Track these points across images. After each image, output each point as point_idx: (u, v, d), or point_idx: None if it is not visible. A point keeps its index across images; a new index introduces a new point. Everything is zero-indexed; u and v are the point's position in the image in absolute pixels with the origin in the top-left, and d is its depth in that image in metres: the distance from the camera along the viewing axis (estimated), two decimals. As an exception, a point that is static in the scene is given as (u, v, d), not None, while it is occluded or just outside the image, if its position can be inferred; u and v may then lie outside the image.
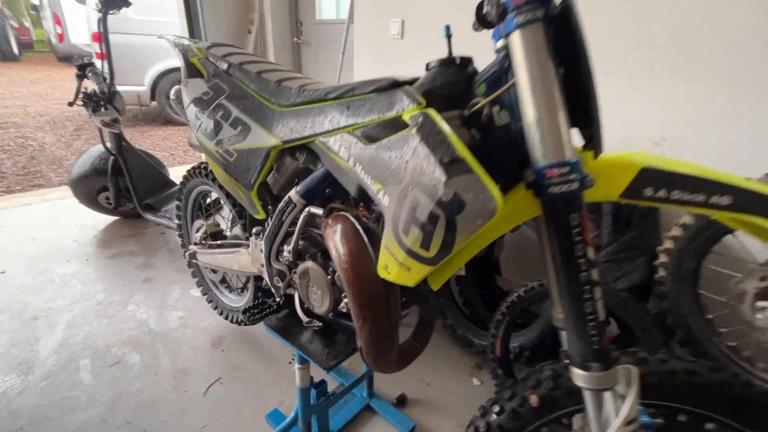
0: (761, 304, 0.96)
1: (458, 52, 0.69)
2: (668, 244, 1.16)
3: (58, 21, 10.70)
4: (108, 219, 2.53)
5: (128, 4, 1.96)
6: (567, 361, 0.60)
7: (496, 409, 0.72)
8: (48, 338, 1.57)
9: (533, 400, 0.68)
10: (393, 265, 0.64)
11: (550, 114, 0.53)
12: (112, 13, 1.95)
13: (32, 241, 2.25)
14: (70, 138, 4.67)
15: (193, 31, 3.25)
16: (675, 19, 1.23)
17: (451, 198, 0.53)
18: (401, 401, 1.34)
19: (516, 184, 0.62)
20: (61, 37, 10.81)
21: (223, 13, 3.17)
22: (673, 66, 1.27)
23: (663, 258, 1.17)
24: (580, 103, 0.60)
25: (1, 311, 1.70)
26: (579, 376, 0.58)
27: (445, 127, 0.58)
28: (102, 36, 2.03)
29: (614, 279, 1.26)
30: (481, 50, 0.80)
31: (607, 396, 0.59)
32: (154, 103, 5.30)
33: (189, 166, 3.71)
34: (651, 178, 0.56)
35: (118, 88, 2.10)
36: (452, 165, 0.54)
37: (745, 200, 0.53)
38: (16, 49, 11.52)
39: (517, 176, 0.59)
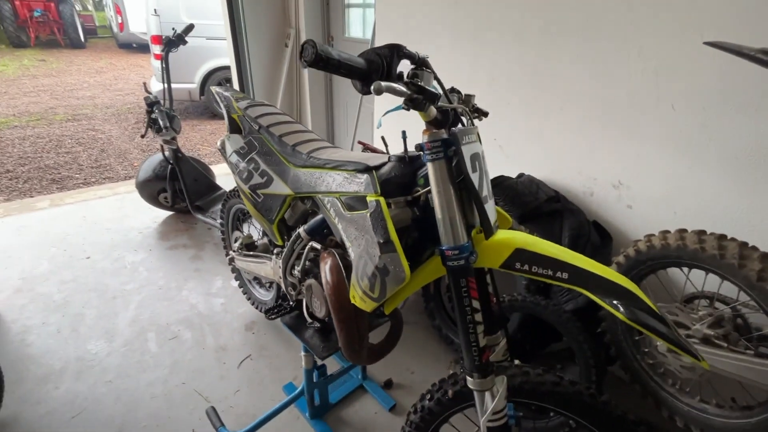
0: (660, 334, 1.20)
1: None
2: (607, 277, 1.40)
3: (119, 11, 11.55)
4: (165, 214, 3.02)
5: (185, 43, 2.35)
6: (462, 370, 0.91)
7: (429, 396, 1.04)
8: (124, 314, 2.04)
9: (450, 393, 0.99)
10: (356, 296, 0.96)
11: (450, 216, 0.83)
12: (172, 51, 2.35)
13: (107, 231, 2.77)
14: (132, 131, 5.28)
15: (237, 42, 3.63)
16: (631, 85, 1.43)
17: (382, 266, 0.85)
18: (388, 384, 1.69)
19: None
20: (121, 27, 11.68)
21: (263, 29, 3.52)
22: (628, 125, 1.47)
23: (604, 287, 1.42)
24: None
25: (90, 290, 2.20)
26: (469, 381, 0.89)
27: (387, 216, 0.89)
28: (162, 62, 2.44)
29: (564, 301, 1.52)
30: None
31: (487, 394, 0.89)
32: (203, 98, 5.82)
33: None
34: (521, 256, 0.85)
35: (172, 86, 2.52)
36: (385, 245, 0.85)
37: (577, 277, 0.81)
38: (82, 37, 12.55)
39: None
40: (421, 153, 0.85)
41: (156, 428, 1.49)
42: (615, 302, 0.79)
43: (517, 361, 1.06)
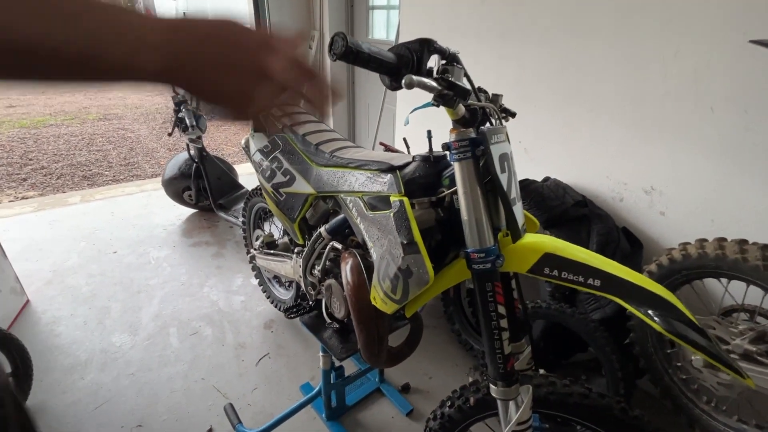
0: (696, 347, 1.14)
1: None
2: (637, 286, 1.34)
3: (150, 15, 11.98)
4: (189, 211, 3.08)
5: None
6: (485, 378, 0.88)
7: (449, 403, 1.01)
8: (148, 309, 2.08)
9: (471, 400, 0.96)
10: (378, 298, 0.95)
11: (476, 217, 0.80)
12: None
13: (134, 227, 2.84)
14: (159, 130, 5.43)
15: (263, 44, 3.69)
16: (666, 86, 1.37)
17: (405, 267, 0.83)
18: (405, 388, 1.66)
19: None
20: (152, 30, 12.12)
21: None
22: (663, 128, 1.41)
23: (634, 296, 1.36)
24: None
25: (115, 284, 2.25)
26: (492, 389, 0.86)
27: (411, 216, 0.87)
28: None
29: (591, 310, 1.46)
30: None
31: (511, 404, 0.86)
32: (227, 99, 5.93)
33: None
34: (549, 261, 0.82)
35: None
36: (408, 246, 0.83)
37: (610, 284, 0.77)
38: (115, 40, 13.03)
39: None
40: (447, 152, 0.83)
41: (175, 423, 1.51)
42: (650, 312, 0.74)
43: (542, 371, 1.03)
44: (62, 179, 3.85)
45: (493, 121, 0.88)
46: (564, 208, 1.55)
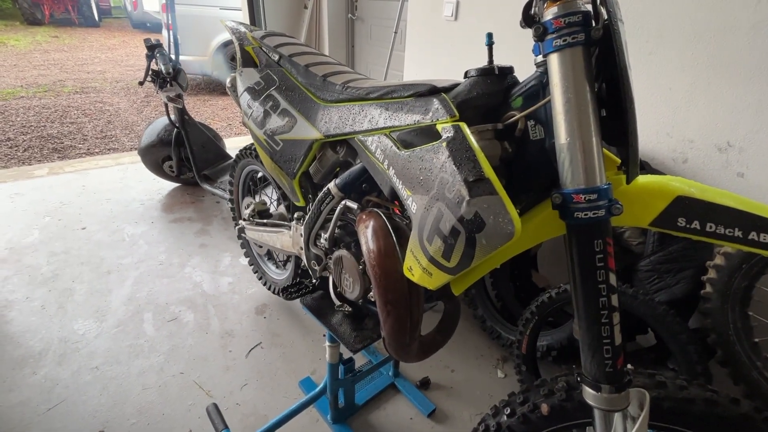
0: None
1: (513, 42, 0.68)
2: (719, 260, 1.09)
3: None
4: (171, 185, 2.76)
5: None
6: (578, 378, 0.61)
7: (508, 411, 0.75)
8: (119, 291, 1.79)
9: (544, 408, 0.70)
10: (416, 268, 0.67)
11: (582, 139, 0.53)
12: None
13: (107, 201, 2.52)
14: (141, 104, 5.03)
15: (253, 3, 3.33)
16: (759, 14, 1.10)
17: (472, 217, 0.55)
18: (424, 384, 1.41)
19: (545, 199, 0.64)
20: (135, 5, 11.51)
21: (281, -12, 3.22)
22: (748, 69, 1.15)
23: (712, 273, 1.11)
24: (619, 122, 0.58)
25: (82, 263, 1.95)
26: (590, 394, 0.60)
27: (474, 144, 0.59)
28: (168, 15, 2.16)
29: (654, 290, 1.21)
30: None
31: (617, 417, 0.60)
32: (216, 72, 5.53)
33: (245, 138, 3.91)
34: (686, 207, 0.55)
35: (183, 58, 2.23)
36: (476, 185, 0.56)
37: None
38: (96, 16, 12.36)
39: (547, 190, 0.59)
40: (539, 43, 0.55)
41: (146, 427, 1.23)
42: None
43: (629, 366, 0.77)
44: (30, 152, 3.48)
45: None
46: (619, 170, 1.29)
